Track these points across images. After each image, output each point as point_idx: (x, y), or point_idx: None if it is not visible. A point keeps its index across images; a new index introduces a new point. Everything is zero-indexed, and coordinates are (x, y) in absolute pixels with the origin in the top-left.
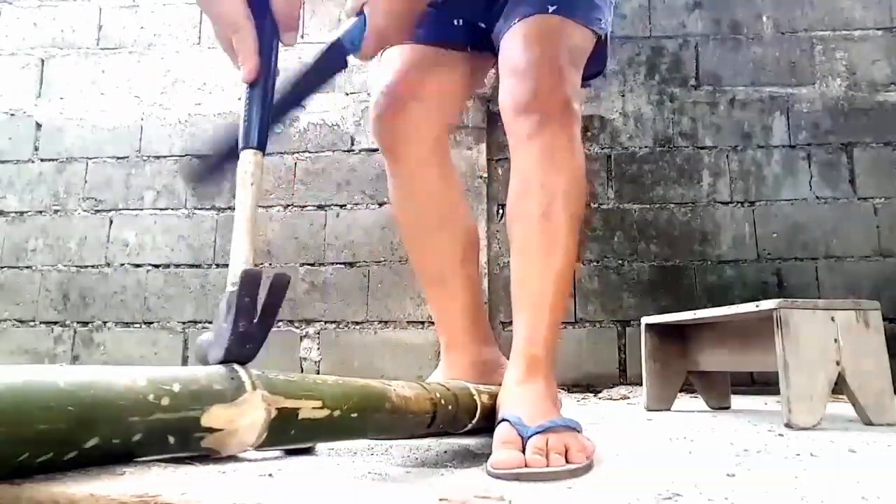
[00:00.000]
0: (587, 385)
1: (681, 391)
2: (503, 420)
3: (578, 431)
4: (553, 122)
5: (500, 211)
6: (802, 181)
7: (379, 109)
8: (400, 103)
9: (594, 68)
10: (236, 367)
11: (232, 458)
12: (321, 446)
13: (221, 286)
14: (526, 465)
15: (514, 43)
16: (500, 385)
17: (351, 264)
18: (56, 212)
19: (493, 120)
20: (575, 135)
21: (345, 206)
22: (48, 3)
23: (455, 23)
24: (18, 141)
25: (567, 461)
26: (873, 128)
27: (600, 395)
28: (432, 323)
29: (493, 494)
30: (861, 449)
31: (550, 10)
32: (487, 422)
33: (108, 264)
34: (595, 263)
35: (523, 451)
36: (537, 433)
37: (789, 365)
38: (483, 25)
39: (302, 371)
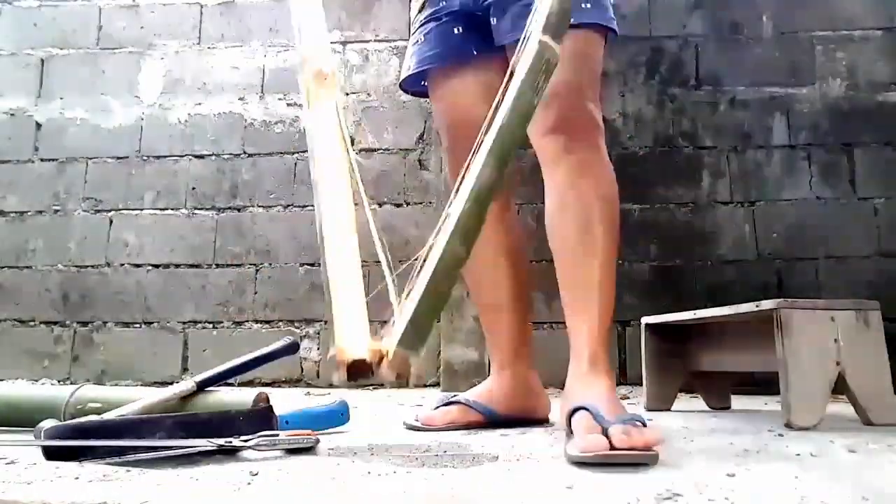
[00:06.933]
0: None
1: (681, 391)
2: (580, 408)
3: (645, 426)
4: (579, 139)
5: None
6: (802, 181)
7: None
8: (457, 137)
9: None
10: None
11: (224, 459)
12: (321, 446)
13: (221, 286)
14: (612, 449)
15: None
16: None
17: None
18: (56, 212)
19: None
20: (601, 146)
21: None
22: (48, 3)
23: (455, 31)
24: (18, 141)
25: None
26: (873, 128)
27: None
28: None
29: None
30: (861, 449)
31: None
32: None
33: (108, 264)
34: None
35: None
36: (619, 424)
37: (789, 365)
38: (479, 14)
39: (302, 371)
